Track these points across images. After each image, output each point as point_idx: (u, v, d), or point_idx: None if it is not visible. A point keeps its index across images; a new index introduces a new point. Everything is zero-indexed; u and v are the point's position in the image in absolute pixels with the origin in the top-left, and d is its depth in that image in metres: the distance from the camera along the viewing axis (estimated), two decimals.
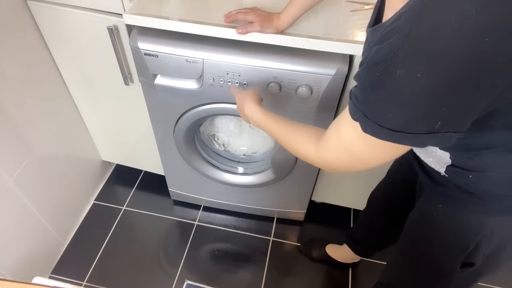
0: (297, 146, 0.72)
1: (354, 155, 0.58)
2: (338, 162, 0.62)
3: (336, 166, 0.63)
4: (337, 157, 0.61)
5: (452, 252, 0.76)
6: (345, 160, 0.60)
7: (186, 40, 1.03)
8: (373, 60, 0.47)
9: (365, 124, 0.51)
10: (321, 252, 1.51)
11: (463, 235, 0.72)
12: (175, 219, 1.67)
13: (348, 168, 0.62)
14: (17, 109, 1.18)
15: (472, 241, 0.71)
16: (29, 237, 1.34)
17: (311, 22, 1.01)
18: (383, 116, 0.48)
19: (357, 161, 0.59)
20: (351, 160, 0.59)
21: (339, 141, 0.59)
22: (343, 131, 0.58)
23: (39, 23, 1.17)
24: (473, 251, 0.72)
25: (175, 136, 1.30)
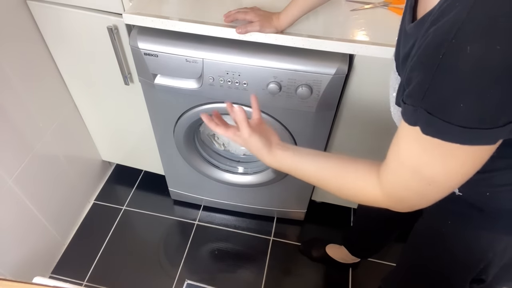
0: (354, 187, 0.57)
1: (423, 177, 0.47)
2: (409, 193, 0.50)
3: (408, 199, 0.51)
4: (406, 187, 0.49)
5: (462, 269, 0.73)
6: (416, 187, 0.48)
7: (186, 40, 1.03)
8: (431, 44, 0.39)
9: (428, 124, 0.41)
10: (321, 252, 1.51)
11: (474, 253, 0.69)
12: (175, 219, 1.67)
13: (423, 197, 0.50)
14: (17, 109, 1.18)
15: (484, 259, 0.69)
16: (29, 237, 1.34)
17: (311, 22, 1.01)
18: (451, 109, 0.39)
19: (430, 185, 0.47)
20: (423, 185, 0.47)
21: (402, 164, 0.48)
22: (403, 149, 0.48)
23: (39, 23, 1.17)
24: (485, 268, 0.70)
25: (175, 136, 1.30)
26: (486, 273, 0.72)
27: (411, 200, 0.51)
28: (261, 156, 0.68)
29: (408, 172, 0.48)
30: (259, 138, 0.67)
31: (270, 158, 0.67)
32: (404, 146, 0.47)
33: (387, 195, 0.52)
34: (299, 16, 0.93)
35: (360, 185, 0.55)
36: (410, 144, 0.46)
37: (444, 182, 0.47)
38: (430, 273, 0.82)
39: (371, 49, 0.94)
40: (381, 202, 0.54)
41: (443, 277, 0.79)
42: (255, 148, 0.67)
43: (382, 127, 1.15)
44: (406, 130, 0.45)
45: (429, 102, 0.40)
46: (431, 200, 0.50)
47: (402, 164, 0.48)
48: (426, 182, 0.47)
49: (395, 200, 0.53)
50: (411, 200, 0.51)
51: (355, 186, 0.56)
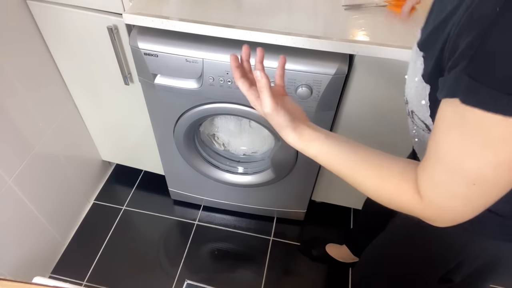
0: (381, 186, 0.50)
1: (466, 173, 0.40)
2: (450, 198, 0.43)
3: (450, 207, 0.44)
4: (447, 190, 0.42)
5: (434, 266, 0.72)
6: (458, 189, 0.41)
7: (186, 40, 1.03)
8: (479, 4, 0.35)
9: (471, 91, 0.35)
10: (320, 251, 1.51)
11: (448, 251, 0.67)
12: (175, 219, 1.67)
13: (467, 203, 0.42)
14: (17, 109, 1.18)
15: (454, 259, 0.67)
16: (29, 237, 1.34)
17: (311, 22, 1.01)
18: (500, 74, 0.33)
19: (474, 184, 0.40)
20: (466, 185, 0.40)
21: (441, 160, 0.41)
22: (440, 141, 0.41)
23: (39, 23, 1.17)
24: (454, 268, 0.69)
25: (175, 136, 1.30)
26: (456, 273, 0.70)
27: (453, 208, 0.44)
28: (284, 134, 0.57)
29: (447, 169, 0.41)
30: (284, 114, 0.55)
31: (296, 138, 0.56)
32: (442, 135, 0.40)
33: (426, 203, 0.45)
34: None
35: (398, 188, 0.48)
36: (448, 130, 0.39)
37: (491, 179, 0.39)
38: (400, 268, 0.80)
39: (371, 49, 0.94)
40: (419, 211, 0.47)
41: (414, 272, 0.77)
42: (278, 125, 0.56)
43: (382, 127, 1.15)
44: (443, 113, 0.39)
45: (475, 65, 0.35)
46: (476, 208, 0.42)
47: (440, 161, 0.42)
48: (470, 181, 0.40)
49: (434, 208, 0.45)
50: (453, 208, 0.44)
51: (391, 190, 0.49)
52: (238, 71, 0.59)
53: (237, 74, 0.58)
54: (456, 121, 0.38)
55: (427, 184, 0.44)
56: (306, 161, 1.29)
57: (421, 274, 0.76)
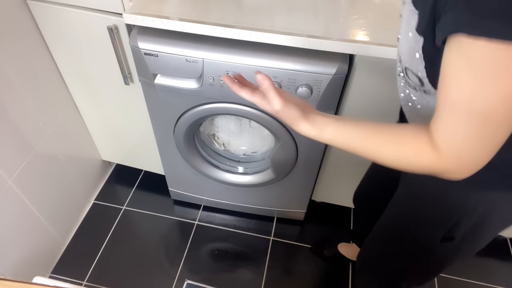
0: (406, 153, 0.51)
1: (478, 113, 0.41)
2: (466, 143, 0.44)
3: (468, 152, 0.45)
4: (463, 135, 0.44)
5: (435, 226, 0.74)
6: (473, 132, 0.43)
7: (186, 39, 1.03)
8: None
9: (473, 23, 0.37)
10: (333, 251, 1.52)
11: (447, 208, 0.70)
12: (175, 218, 1.67)
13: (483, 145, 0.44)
14: (17, 109, 1.18)
15: (455, 215, 0.70)
16: (29, 237, 1.34)
17: (311, 22, 1.01)
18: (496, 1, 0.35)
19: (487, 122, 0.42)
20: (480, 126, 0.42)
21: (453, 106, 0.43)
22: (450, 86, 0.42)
23: (39, 23, 1.17)
24: (455, 225, 0.71)
25: (175, 136, 1.30)
26: (457, 230, 0.71)
27: (472, 153, 0.45)
28: (297, 126, 0.59)
29: (461, 114, 0.42)
30: (294, 107, 0.57)
31: (309, 126, 0.58)
32: (450, 82, 0.42)
33: (445, 155, 0.46)
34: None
35: (415, 149, 0.50)
36: (455, 75, 0.41)
37: (502, 114, 0.40)
38: (405, 233, 0.82)
39: (371, 49, 0.94)
40: (439, 166, 0.48)
41: (416, 236, 0.79)
42: (289, 118, 0.59)
43: None
44: (448, 60, 0.41)
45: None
46: (492, 149, 0.44)
47: (452, 107, 0.43)
48: (484, 120, 0.41)
49: (454, 158, 0.46)
50: (472, 153, 0.45)
51: (409, 152, 0.51)
52: (236, 85, 0.61)
53: (236, 87, 0.61)
54: (462, 63, 0.40)
55: (443, 136, 0.46)
56: (306, 161, 1.29)
57: (423, 237, 0.77)
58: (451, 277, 1.48)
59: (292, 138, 1.20)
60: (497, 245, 1.58)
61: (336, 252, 1.51)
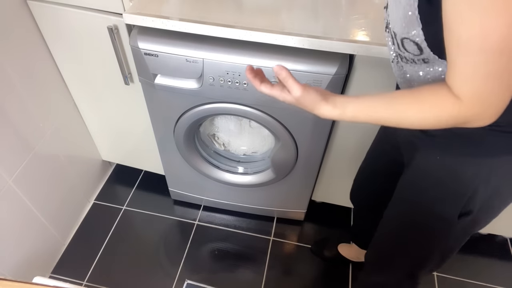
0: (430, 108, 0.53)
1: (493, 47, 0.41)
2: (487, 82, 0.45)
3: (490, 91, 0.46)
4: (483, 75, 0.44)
5: (452, 201, 0.73)
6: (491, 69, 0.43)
7: (186, 39, 1.03)
8: None
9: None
10: (333, 252, 1.52)
11: (461, 181, 0.69)
12: (175, 219, 1.67)
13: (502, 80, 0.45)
14: (17, 109, 1.18)
15: (470, 187, 0.69)
16: (29, 237, 1.34)
17: (311, 22, 1.01)
18: None
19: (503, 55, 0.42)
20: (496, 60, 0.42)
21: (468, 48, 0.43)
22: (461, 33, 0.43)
23: (39, 23, 1.17)
24: (471, 197, 0.70)
25: (175, 136, 1.30)
26: (473, 202, 0.70)
27: (492, 92, 0.46)
28: (319, 109, 0.61)
29: (476, 53, 0.43)
30: (313, 91, 0.61)
31: (331, 108, 0.60)
32: (459, 25, 0.43)
33: (468, 102, 0.48)
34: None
35: (438, 104, 0.51)
36: (464, 15, 0.41)
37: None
38: (420, 217, 0.81)
39: (371, 49, 0.94)
40: (465, 113, 0.49)
41: (432, 218, 0.79)
42: (311, 103, 0.61)
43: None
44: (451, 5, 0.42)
45: None
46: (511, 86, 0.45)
47: (466, 50, 0.44)
48: (498, 53, 0.42)
49: (477, 102, 0.47)
50: (492, 92, 0.46)
51: (433, 108, 0.52)
52: (257, 80, 0.65)
53: (257, 82, 0.65)
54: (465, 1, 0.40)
55: (462, 83, 0.47)
56: (306, 161, 1.29)
57: (440, 218, 0.76)
58: (451, 277, 1.48)
59: (292, 138, 1.20)
60: (497, 245, 1.58)
61: (336, 252, 1.51)
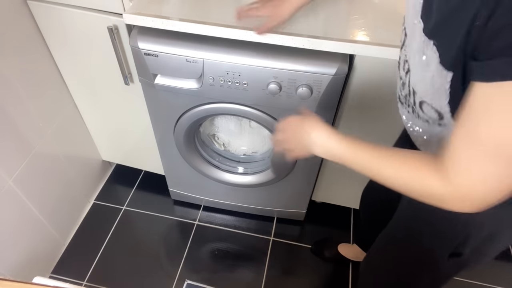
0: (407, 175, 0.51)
1: (506, 156, 0.41)
2: (483, 182, 0.44)
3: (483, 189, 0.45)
4: (483, 175, 0.43)
5: (442, 242, 0.74)
6: (498, 174, 0.42)
7: (186, 40, 1.03)
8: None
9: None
10: (333, 252, 1.52)
11: (454, 225, 0.69)
12: (175, 219, 1.67)
13: (499, 186, 0.43)
14: (17, 109, 1.18)
15: (461, 232, 0.69)
16: (29, 237, 1.34)
17: (311, 22, 1.01)
18: None
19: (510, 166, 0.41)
20: (506, 169, 0.42)
21: (480, 146, 0.42)
22: (480, 127, 0.42)
23: (39, 23, 1.17)
24: (462, 242, 0.70)
25: (175, 136, 1.30)
26: (464, 246, 0.70)
27: (484, 190, 0.44)
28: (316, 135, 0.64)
29: (485, 151, 0.42)
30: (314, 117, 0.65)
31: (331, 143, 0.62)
32: (479, 118, 0.41)
33: (455, 185, 0.46)
34: (300, 5, 0.87)
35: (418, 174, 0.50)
36: (487, 113, 0.40)
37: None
38: (411, 248, 0.81)
39: (371, 49, 0.94)
40: (446, 196, 0.48)
41: (424, 251, 0.79)
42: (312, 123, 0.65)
43: (382, 127, 1.15)
44: (480, 97, 0.40)
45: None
46: (507, 190, 0.43)
47: (477, 143, 0.42)
48: (509, 163, 0.41)
49: (464, 190, 0.45)
50: (484, 190, 0.44)
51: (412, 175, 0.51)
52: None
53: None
54: (498, 103, 0.39)
55: (457, 167, 0.45)
56: (306, 161, 1.29)
57: (431, 251, 0.76)
58: None
59: None
60: None
61: (336, 252, 1.51)
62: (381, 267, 0.97)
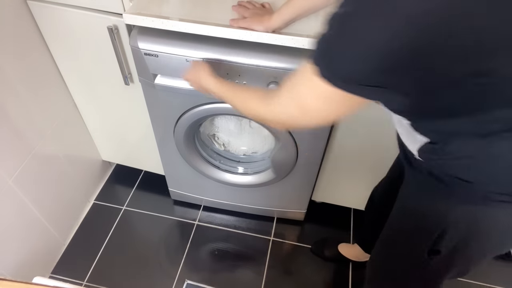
0: (247, 103, 0.75)
1: (304, 110, 0.61)
2: (285, 116, 0.66)
3: (281, 120, 0.67)
4: (286, 112, 0.65)
5: (421, 237, 0.78)
6: (295, 115, 0.63)
7: (186, 40, 1.03)
8: (339, 11, 0.52)
9: (324, 70, 0.54)
10: (333, 251, 1.52)
11: (430, 220, 0.74)
12: (175, 219, 1.67)
13: (296, 123, 0.66)
14: (17, 109, 1.18)
15: (437, 228, 0.73)
16: (29, 237, 1.34)
17: (311, 22, 1.01)
18: (340, 64, 0.52)
19: (306, 116, 0.62)
20: (301, 115, 0.62)
21: (292, 97, 0.62)
22: (297, 87, 0.61)
23: (39, 23, 1.17)
24: (439, 238, 0.74)
25: (175, 136, 1.30)
26: (441, 243, 0.74)
27: (285, 121, 0.67)
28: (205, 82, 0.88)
29: (293, 103, 0.62)
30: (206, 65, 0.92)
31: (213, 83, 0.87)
32: (299, 84, 0.60)
33: (268, 112, 0.68)
34: (292, 18, 0.94)
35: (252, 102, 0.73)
36: (304, 84, 0.58)
37: (316, 115, 0.61)
38: (397, 245, 0.88)
39: None
40: (263, 116, 0.70)
41: (405, 248, 0.84)
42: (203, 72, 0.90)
43: (382, 127, 1.15)
44: (305, 74, 0.57)
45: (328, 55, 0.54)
46: (299, 126, 0.66)
47: (291, 96, 0.62)
48: (304, 113, 0.61)
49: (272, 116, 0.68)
50: (285, 121, 0.67)
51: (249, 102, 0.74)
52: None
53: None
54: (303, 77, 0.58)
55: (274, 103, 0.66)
56: (306, 161, 1.29)
57: (411, 249, 0.82)
58: None
59: (292, 138, 1.20)
60: None
61: (336, 252, 1.51)
62: (380, 265, 1.00)
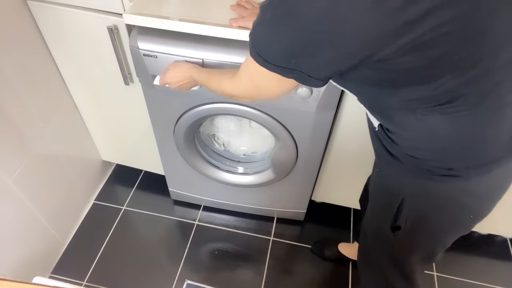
0: (220, 84, 0.84)
1: (255, 85, 0.71)
2: (245, 92, 0.75)
3: (244, 95, 0.77)
4: (245, 88, 0.75)
5: (383, 212, 0.84)
6: (250, 90, 0.73)
7: (186, 40, 1.03)
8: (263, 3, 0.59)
9: (253, 52, 0.63)
10: (333, 251, 1.52)
11: (390, 193, 0.80)
12: (175, 219, 1.67)
13: (253, 97, 0.76)
14: (17, 109, 1.18)
15: (395, 201, 0.78)
16: (29, 237, 1.35)
17: None
18: (262, 47, 0.61)
19: (258, 91, 0.72)
20: (254, 89, 0.72)
21: (245, 73, 0.72)
22: (247, 64, 0.69)
23: (39, 23, 1.17)
24: (398, 212, 0.79)
25: (175, 136, 1.30)
26: (400, 218, 0.79)
27: (245, 95, 0.77)
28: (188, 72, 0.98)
29: (247, 79, 0.72)
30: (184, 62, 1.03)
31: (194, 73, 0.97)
32: (247, 62, 0.68)
33: (232, 89, 0.79)
34: None
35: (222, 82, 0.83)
36: (250, 62, 0.65)
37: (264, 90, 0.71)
38: (368, 224, 0.96)
39: None
40: (229, 92, 0.80)
41: (375, 223, 0.91)
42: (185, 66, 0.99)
43: None
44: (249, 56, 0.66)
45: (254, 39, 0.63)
46: (257, 99, 0.76)
47: (245, 73, 0.73)
48: (255, 88, 0.72)
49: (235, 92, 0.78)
50: (245, 95, 0.77)
51: (220, 83, 0.84)
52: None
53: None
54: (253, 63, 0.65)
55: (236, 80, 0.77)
56: (306, 161, 1.29)
57: (378, 226, 0.89)
58: (451, 277, 1.48)
59: (292, 138, 1.20)
60: (497, 245, 1.58)
61: (336, 252, 1.51)
62: (360, 251, 1.09)
